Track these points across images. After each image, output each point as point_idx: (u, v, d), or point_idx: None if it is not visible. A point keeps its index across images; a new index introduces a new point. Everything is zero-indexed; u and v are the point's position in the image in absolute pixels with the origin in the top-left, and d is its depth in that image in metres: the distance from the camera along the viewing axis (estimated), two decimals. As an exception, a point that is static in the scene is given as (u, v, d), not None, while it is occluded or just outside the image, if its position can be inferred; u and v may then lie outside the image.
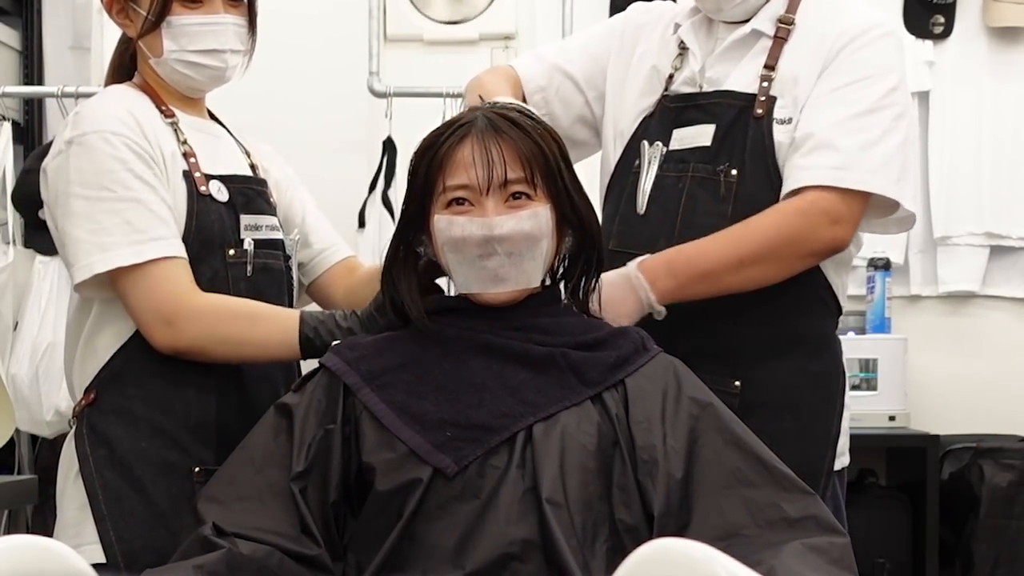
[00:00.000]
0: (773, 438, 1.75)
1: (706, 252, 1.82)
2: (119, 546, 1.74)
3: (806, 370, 1.91)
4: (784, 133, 1.87)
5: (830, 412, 1.93)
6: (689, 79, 1.97)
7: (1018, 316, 3.72)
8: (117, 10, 1.87)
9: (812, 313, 1.92)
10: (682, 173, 1.92)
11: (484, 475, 1.53)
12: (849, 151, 1.82)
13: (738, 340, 1.88)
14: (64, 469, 1.84)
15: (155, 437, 1.78)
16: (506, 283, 1.63)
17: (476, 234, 1.60)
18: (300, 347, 1.76)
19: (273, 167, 2.03)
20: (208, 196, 1.82)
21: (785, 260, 1.84)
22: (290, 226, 2.00)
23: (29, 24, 3.68)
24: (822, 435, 1.91)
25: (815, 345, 1.93)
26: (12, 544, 1.27)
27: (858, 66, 1.86)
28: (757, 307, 1.87)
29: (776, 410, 1.87)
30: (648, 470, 1.55)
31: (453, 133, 1.64)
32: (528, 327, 1.65)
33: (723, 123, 1.90)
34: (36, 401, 3.17)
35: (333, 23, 3.62)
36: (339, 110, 3.59)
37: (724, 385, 1.85)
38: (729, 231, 1.83)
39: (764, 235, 1.81)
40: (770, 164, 1.87)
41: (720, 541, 1.46)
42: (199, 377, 1.80)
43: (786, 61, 1.90)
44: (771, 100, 1.88)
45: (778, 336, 1.89)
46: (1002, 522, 3.34)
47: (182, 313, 1.73)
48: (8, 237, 3.30)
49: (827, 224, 1.82)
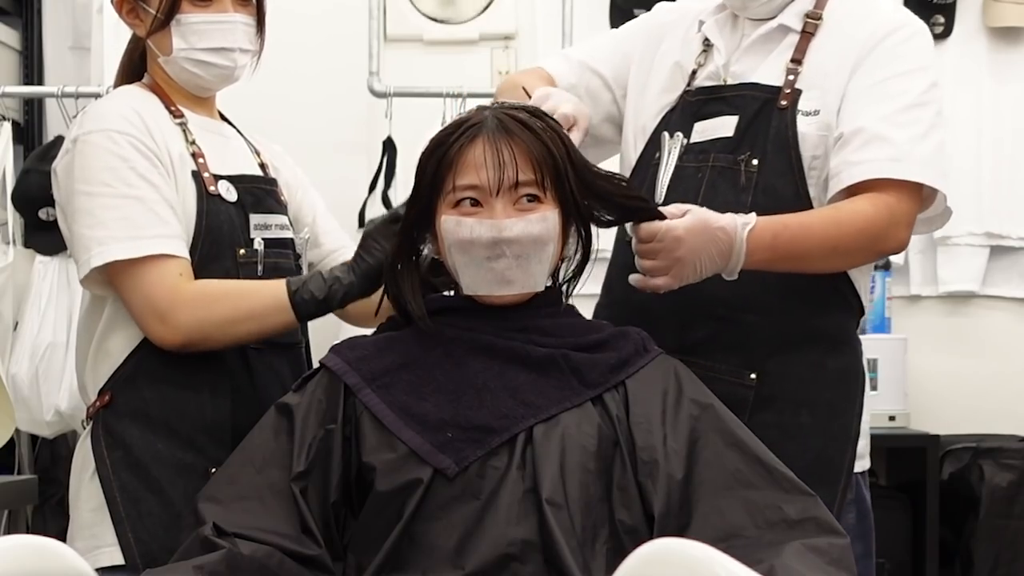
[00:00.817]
0: (789, 432, 1.74)
1: (809, 233, 1.77)
2: (137, 547, 1.74)
3: (825, 366, 1.86)
4: (809, 125, 1.84)
5: (849, 410, 1.88)
6: (713, 74, 1.95)
7: (1018, 316, 3.72)
8: (127, 9, 1.87)
9: (833, 310, 1.88)
10: (702, 163, 1.89)
11: (484, 476, 1.53)
12: (902, 143, 1.79)
13: (755, 332, 1.84)
14: (78, 470, 1.84)
15: (171, 438, 1.79)
16: (513, 285, 1.63)
17: (485, 236, 1.60)
18: (293, 308, 1.74)
19: (284, 167, 2.03)
20: (217, 196, 1.82)
21: (864, 254, 1.83)
22: (300, 226, 2.00)
23: (29, 24, 3.68)
24: (840, 432, 1.86)
25: (834, 342, 1.88)
26: (12, 544, 1.28)
27: (897, 61, 1.84)
28: (776, 299, 1.84)
29: (793, 404, 1.83)
30: (648, 471, 1.55)
31: (464, 132, 1.63)
32: (530, 328, 1.65)
33: (747, 114, 1.87)
34: (36, 401, 3.17)
35: (333, 23, 3.62)
36: (339, 110, 3.59)
37: (740, 377, 1.82)
38: (825, 215, 1.80)
39: (860, 226, 1.77)
40: (793, 155, 1.83)
41: (720, 542, 1.46)
42: (213, 378, 1.80)
43: (813, 56, 1.87)
44: (796, 92, 1.85)
45: (796, 330, 1.85)
46: (1002, 522, 3.34)
47: (171, 305, 1.72)
48: (8, 237, 3.30)
49: (903, 225, 1.80)
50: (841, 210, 1.79)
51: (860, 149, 1.79)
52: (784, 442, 1.65)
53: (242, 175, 1.88)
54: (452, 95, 3.26)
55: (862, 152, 1.79)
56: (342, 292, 1.75)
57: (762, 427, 1.68)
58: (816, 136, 1.84)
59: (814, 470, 1.60)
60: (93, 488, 1.79)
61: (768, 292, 1.82)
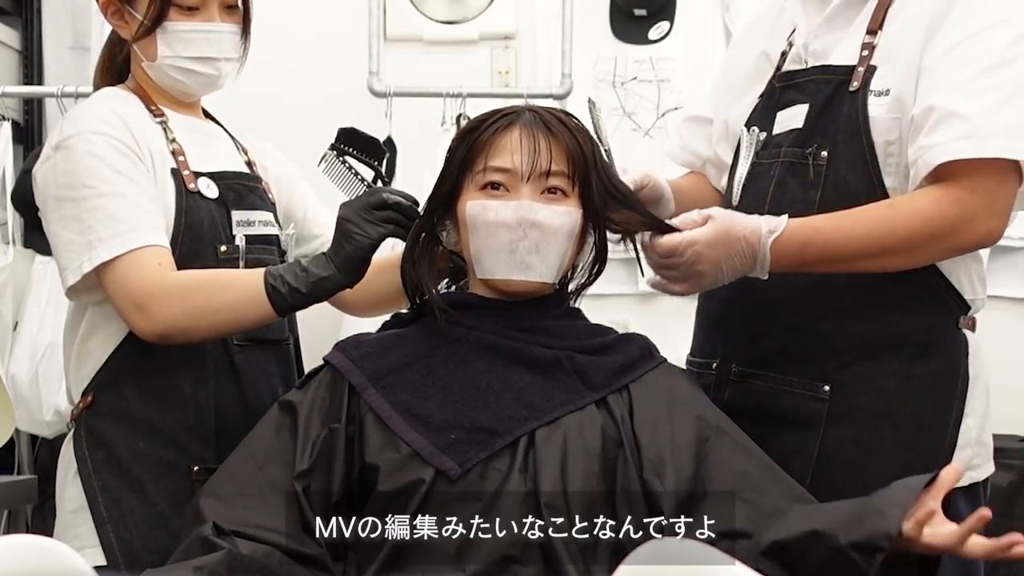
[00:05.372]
0: (868, 448, 1.63)
1: (848, 236, 1.62)
2: (120, 547, 1.74)
3: (909, 373, 1.70)
4: (879, 107, 1.67)
5: (941, 421, 1.71)
6: (796, 56, 1.80)
7: (1018, 316, 3.72)
8: (112, 11, 1.86)
9: (921, 310, 1.70)
10: (775, 159, 1.76)
11: (486, 477, 1.53)
12: (977, 115, 1.58)
13: (830, 340, 1.70)
14: (61, 472, 1.84)
15: (153, 437, 1.78)
16: (531, 271, 1.63)
17: (510, 217, 1.60)
18: (269, 299, 1.70)
19: (272, 164, 2.03)
20: (197, 193, 1.81)
21: (929, 252, 1.65)
22: (290, 221, 1.99)
23: (29, 24, 3.68)
24: (928, 447, 1.69)
25: (923, 346, 1.70)
26: (12, 544, 1.28)
27: (976, 17, 1.62)
28: (851, 303, 1.70)
29: (872, 418, 1.69)
30: (655, 468, 1.55)
31: (500, 119, 1.65)
32: (535, 328, 1.66)
33: (817, 102, 1.72)
34: (36, 401, 3.17)
35: (333, 23, 3.62)
36: (339, 110, 3.57)
37: (813, 390, 1.70)
38: (875, 212, 1.63)
39: (914, 225, 1.61)
40: (865, 143, 1.67)
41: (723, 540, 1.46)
42: (194, 375, 1.80)
43: (891, 26, 1.69)
44: (870, 70, 1.68)
45: (876, 336, 1.69)
46: (1002, 522, 3.33)
47: (151, 296, 1.70)
48: (8, 237, 3.30)
49: (985, 216, 1.61)
50: (896, 208, 1.63)
51: (932, 131, 1.60)
52: (862, 459, 1.57)
53: (224, 172, 1.87)
54: (452, 95, 3.26)
55: (932, 135, 1.60)
56: (322, 285, 1.70)
57: (837, 444, 1.61)
58: (888, 119, 1.67)
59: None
60: (75, 489, 1.79)
61: (842, 296, 1.70)
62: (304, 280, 1.69)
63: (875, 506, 1.41)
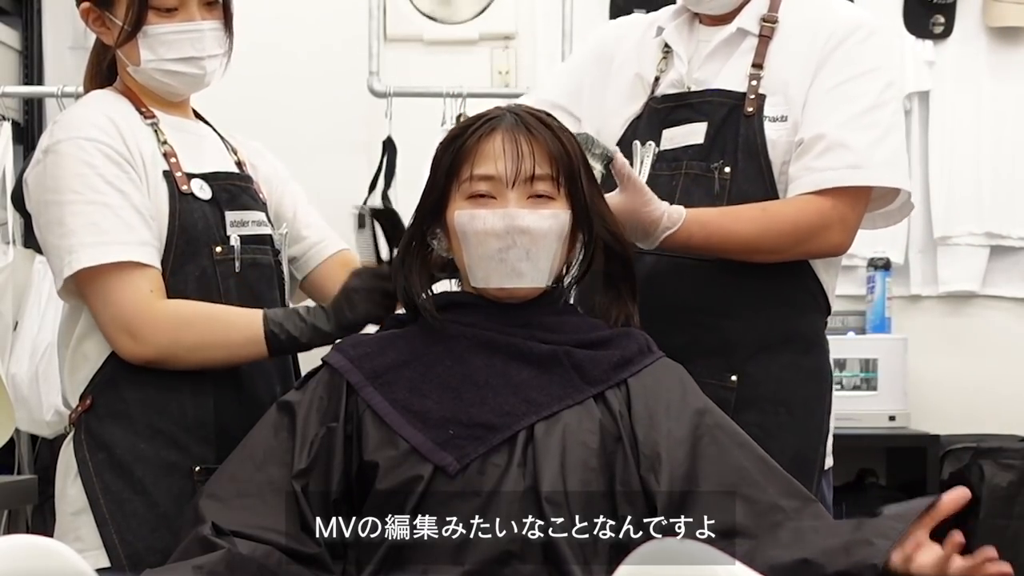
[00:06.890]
0: (769, 431, 1.80)
1: (735, 231, 1.84)
2: (123, 548, 1.74)
3: (799, 366, 1.94)
4: (777, 130, 1.89)
5: (820, 409, 1.96)
6: (676, 81, 1.98)
7: (1018, 316, 3.72)
8: (93, 18, 1.85)
9: (804, 311, 1.96)
10: (675, 170, 1.93)
11: (485, 473, 1.53)
12: (862, 149, 1.85)
13: (734, 335, 1.91)
14: (61, 476, 1.83)
15: (153, 438, 1.78)
16: (523, 278, 1.63)
17: (498, 225, 1.61)
18: (267, 344, 1.74)
19: (262, 163, 2.02)
20: (190, 195, 1.81)
21: (789, 253, 1.89)
22: (281, 220, 1.99)
23: (29, 24, 3.68)
24: (814, 430, 1.95)
25: (807, 342, 1.96)
26: (12, 544, 1.27)
27: (854, 63, 1.89)
28: (752, 303, 1.91)
29: (772, 404, 1.91)
30: (651, 465, 1.55)
31: (482, 125, 1.64)
32: (533, 324, 1.66)
33: (715, 121, 1.92)
34: (36, 401, 3.17)
35: (333, 23, 3.62)
36: (339, 110, 3.59)
37: (721, 379, 1.89)
38: (755, 215, 1.85)
39: (784, 229, 1.85)
40: (763, 162, 1.89)
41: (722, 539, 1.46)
42: (194, 375, 1.79)
43: (773, 59, 1.92)
44: (761, 98, 1.90)
45: (772, 332, 1.92)
46: (1002, 522, 3.33)
47: (143, 322, 1.72)
48: (8, 237, 3.30)
49: (839, 230, 1.87)
50: (771, 213, 1.85)
51: (821, 156, 1.85)
52: (766, 441, 1.68)
53: (216, 172, 1.87)
54: (452, 95, 3.26)
55: (823, 159, 1.85)
56: (319, 337, 1.77)
57: (744, 427, 1.70)
58: (786, 143, 1.89)
59: (792, 468, 1.63)
60: (76, 491, 1.78)
61: (745, 297, 1.90)
62: (304, 331, 1.75)
63: (864, 536, 1.46)
